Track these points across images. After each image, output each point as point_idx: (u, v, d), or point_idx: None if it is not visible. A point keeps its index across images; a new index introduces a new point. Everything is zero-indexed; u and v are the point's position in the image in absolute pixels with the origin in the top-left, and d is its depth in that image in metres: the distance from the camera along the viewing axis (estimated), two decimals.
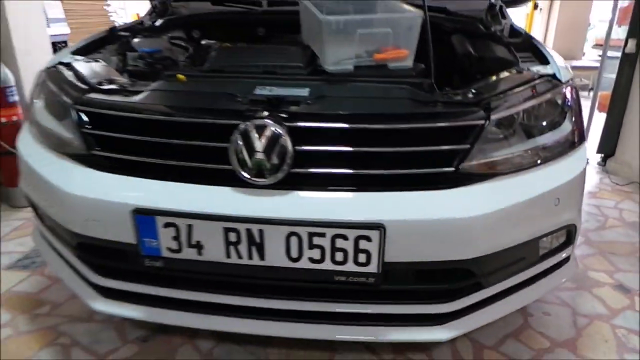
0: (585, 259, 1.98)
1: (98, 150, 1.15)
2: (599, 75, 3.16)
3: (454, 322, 1.15)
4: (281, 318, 1.16)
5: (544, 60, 1.46)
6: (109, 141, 1.16)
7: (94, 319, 1.58)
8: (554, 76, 1.31)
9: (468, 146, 1.08)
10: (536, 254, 1.24)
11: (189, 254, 1.08)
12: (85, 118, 1.18)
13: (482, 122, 1.09)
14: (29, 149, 1.34)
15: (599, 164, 3.13)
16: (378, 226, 1.01)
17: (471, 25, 1.80)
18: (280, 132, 1.04)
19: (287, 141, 1.04)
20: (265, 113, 1.06)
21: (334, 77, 1.30)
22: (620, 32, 3.01)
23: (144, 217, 1.06)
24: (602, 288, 1.79)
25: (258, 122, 1.04)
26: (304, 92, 1.17)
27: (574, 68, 3.40)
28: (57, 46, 2.95)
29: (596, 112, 3.21)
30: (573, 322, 1.60)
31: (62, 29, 3.12)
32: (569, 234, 1.30)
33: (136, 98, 1.18)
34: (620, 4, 2.96)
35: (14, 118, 2.30)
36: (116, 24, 5.47)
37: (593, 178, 2.98)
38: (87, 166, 1.16)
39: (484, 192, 1.10)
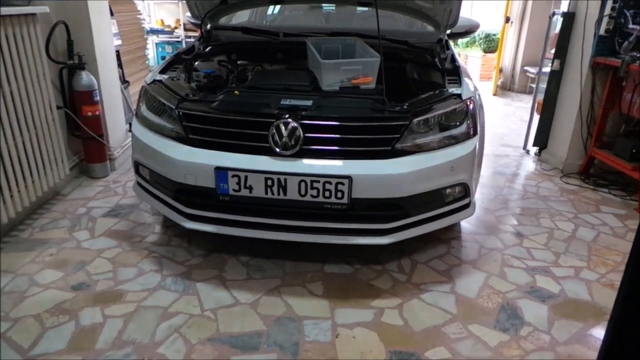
0: (500, 217, 2.87)
1: (192, 135, 2.03)
2: (536, 85, 4.03)
3: (391, 234, 2.04)
4: (294, 231, 2.03)
5: (460, 82, 2.34)
6: (198, 129, 2.03)
7: (170, 244, 2.46)
8: (459, 95, 2.18)
9: (398, 135, 1.96)
10: (442, 199, 2.12)
11: (244, 192, 1.96)
12: (184, 116, 2.05)
13: (407, 122, 1.97)
14: (142, 133, 2.21)
15: (535, 154, 4.02)
16: (348, 177, 1.89)
17: (421, 57, 2.66)
18: (296, 126, 1.92)
19: (300, 131, 1.92)
20: (288, 116, 1.93)
21: (327, 93, 2.17)
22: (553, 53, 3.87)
23: (221, 172, 1.94)
24: (505, 234, 2.68)
25: (284, 120, 1.92)
26: (309, 102, 2.04)
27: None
28: None
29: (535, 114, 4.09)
30: (478, 251, 2.48)
31: (117, 42, 3.96)
32: (465, 189, 2.18)
33: (213, 105, 2.05)
34: (551, 33, 3.83)
35: (97, 112, 3.16)
36: (146, 28, 6.28)
37: (529, 165, 3.87)
38: (185, 144, 2.04)
39: (409, 160, 1.98)
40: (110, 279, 2.14)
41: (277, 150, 1.93)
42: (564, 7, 3.67)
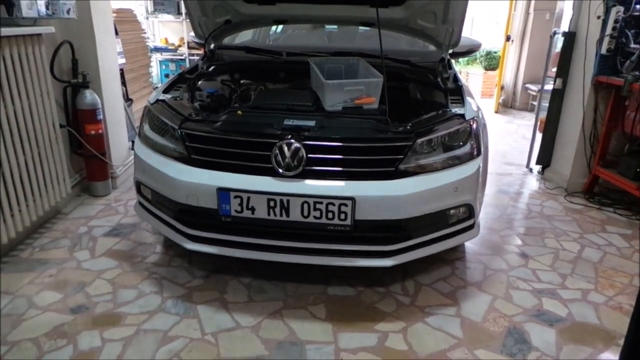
0: (505, 237, 2.84)
1: (195, 156, 2.02)
2: (538, 103, 4.03)
3: (395, 256, 2.01)
4: (296, 252, 2.01)
5: (463, 102, 2.33)
6: (201, 150, 2.02)
7: (171, 265, 2.43)
8: (462, 115, 2.17)
9: (402, 156, 1.95)
10: (446, 220, 2.10)
11: (246, 213, 1.94)
12: (186, 137, 2.04)
13: (410, 143, 1.96)
14: (145, 153, 2.20)
15: (539, 172, 4.00)
16: (351, 198, 1.87)
17: (424, 76, 2.67)
18: (299, 146, 1.91)
19: (303, 152, 1.91)
20: (290, 136, 1.92)
21: (330, 114, 2.17)
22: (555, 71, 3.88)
23: (223, 192, 1.92)
24: (509, 255, 2.64)
25: (287, 141, 1.91)
26: (312, 123, 2.03)
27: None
28: None
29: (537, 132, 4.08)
30: (483, 273, 2.45)
31: (121, 60, 3.98)
32: (470, 210, 2.15)
33: (216, 125, 2.05)
34: (552, 52, 3.85)
35: (100, 131, 3.16)
36: (150, 46, 6.33)
37: (533, 184, 3.85)
38: (188, 164, 2.03)
39: (412, 181, 1.96)
40: (109, 301, 2.11)
41: (280, 171, 1.92)
42: (565, 26, 3.69)
